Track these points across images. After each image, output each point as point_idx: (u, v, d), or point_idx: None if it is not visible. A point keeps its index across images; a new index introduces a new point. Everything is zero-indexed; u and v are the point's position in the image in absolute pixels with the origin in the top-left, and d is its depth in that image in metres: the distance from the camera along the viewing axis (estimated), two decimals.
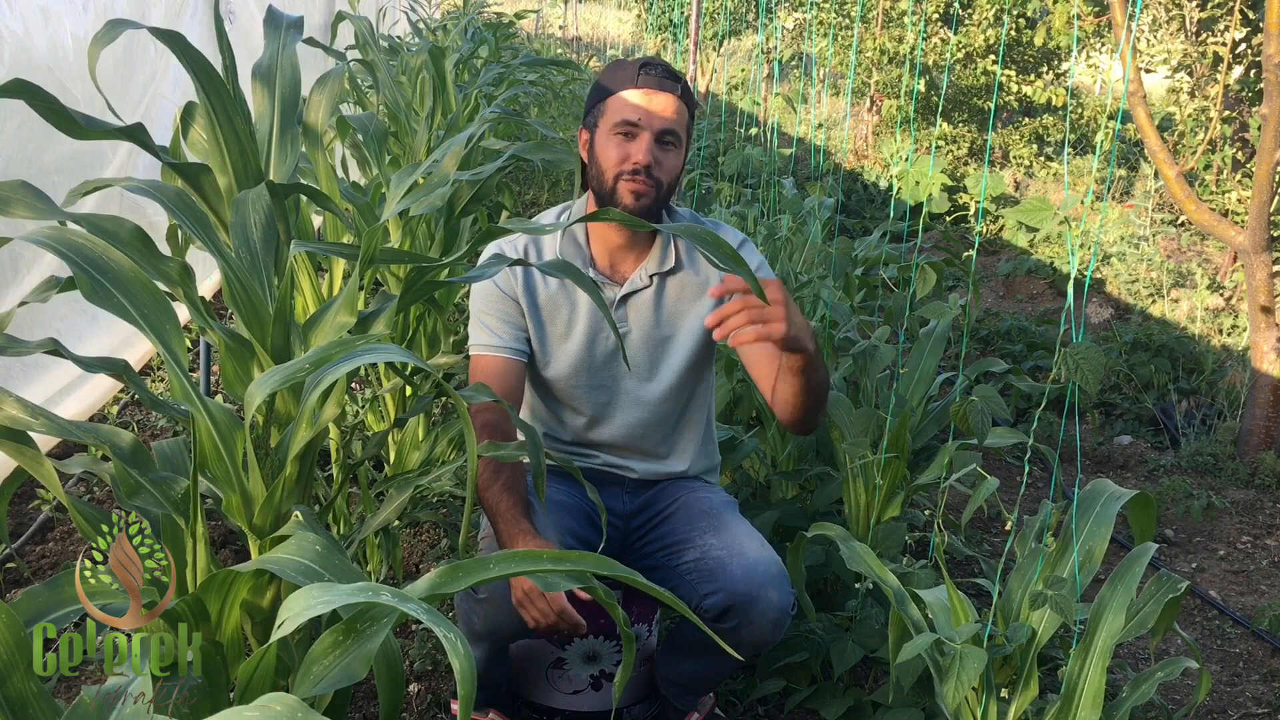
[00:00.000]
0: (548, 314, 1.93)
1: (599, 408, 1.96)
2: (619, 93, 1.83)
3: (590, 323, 1.91)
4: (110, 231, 1.36)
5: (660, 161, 1.82)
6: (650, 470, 2.01)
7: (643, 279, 1.92)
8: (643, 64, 1.84)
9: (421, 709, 2.09)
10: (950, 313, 2.68)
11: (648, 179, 1.81)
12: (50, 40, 2.69)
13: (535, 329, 1.93)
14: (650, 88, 1.82)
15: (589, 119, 1.89)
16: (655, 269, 1.92)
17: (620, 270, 1.94)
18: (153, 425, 3.21)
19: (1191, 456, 3.69)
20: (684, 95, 1.86)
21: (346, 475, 1.78)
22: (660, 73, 1.83)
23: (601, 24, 20.55)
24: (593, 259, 1.93)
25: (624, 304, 1.92)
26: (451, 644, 0.91)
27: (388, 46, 4.97)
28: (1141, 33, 6.51)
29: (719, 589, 1.75)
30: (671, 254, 1.92)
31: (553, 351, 1.93)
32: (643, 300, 1.92)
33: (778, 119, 4.92)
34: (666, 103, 1.82)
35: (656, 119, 1.81)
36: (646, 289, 1.92)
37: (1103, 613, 1.60)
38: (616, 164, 1.82)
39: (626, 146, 1.82)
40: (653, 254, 1.92)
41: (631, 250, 1.93)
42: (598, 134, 1.86)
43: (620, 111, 1.82)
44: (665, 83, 1.83)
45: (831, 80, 9.75)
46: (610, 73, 1.89)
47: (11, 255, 2.58)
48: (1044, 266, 6.04)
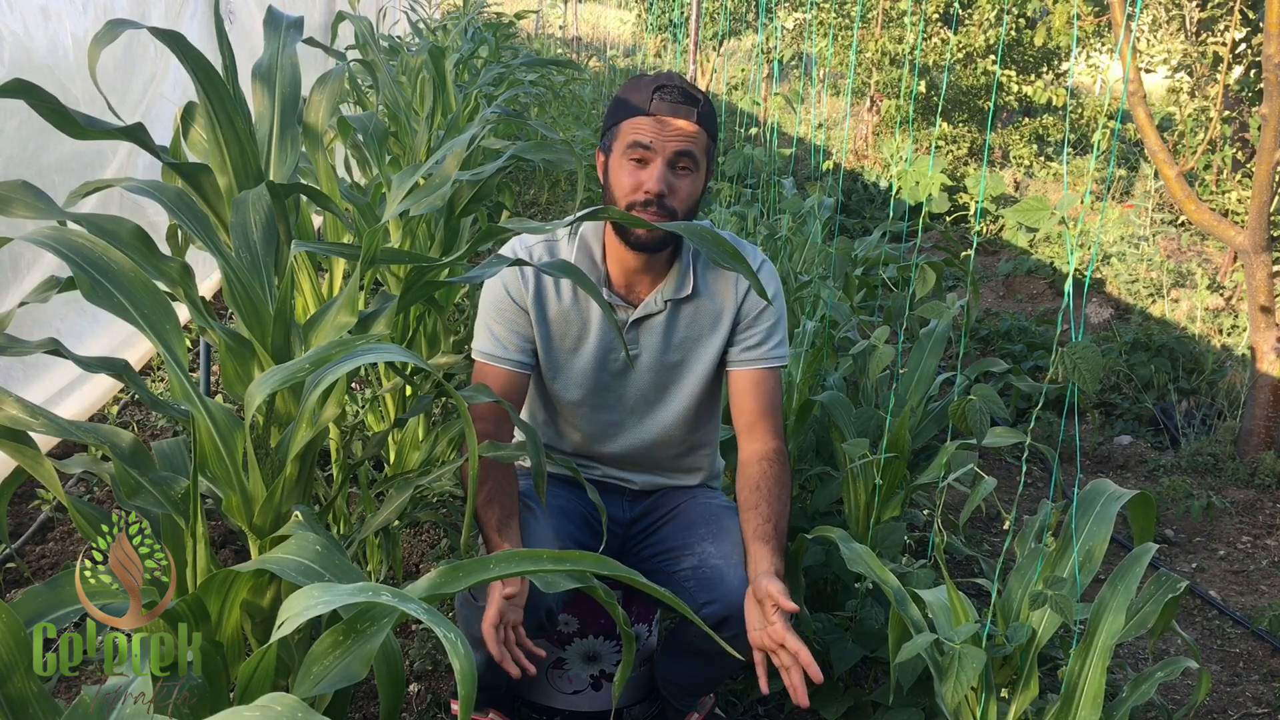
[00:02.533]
0: (558, 328, 1.88)
1: (604, 427, 1.94)
2: (633, 116, 1.76)
3: (601, 341, 1.88)
4: (110, 231, 1.36)
5: (675, 189, 1.75)
6: (651, 483, 2.01)
7: (657, 304, 1.86)
8: (658, 85, 1.76)
9: (421, 709, 2.09)
10: (950, 313, 2.68)
11: (660, 209, 1.74)
12: (50, 40, 2.69)
13: (543, 342, 1.88)
14: (664, 114, 1.74)
15: (604, 141, 1.83)
16: (671, 295, 1.86)
17: (635, 293, 1.88)
18: (153, 425, 3.21)
19: (1191, 456, 3.69)
20: (702, 118, 1.77)
21: (346, 475, 1.78)
22: (676, 96, 1.75)
23: (601, 24, 20.56)
24: (609, 279, 1.88)
25: (636, 328, 1.87)
26: (451, 644, 0.91)
27: (388, 46, 4.97)
28: (1141, 33, 6.51)
29: (716, 599, 1.73)
30: (689, 281, 1.87)
31: (560, 366, 1.90)
32: (655, 325, 1.88)
33: (778, 119, 4.92)
34: (681, 127, 1.74)
35: (670, 143, 1.74)
36: (660, 314, 1.87)
37: (1103, 613, 1.60)
38: (629, 193, 1.75)
39: (639, 174, 1.75)
40: (669, 279, 1.87)
41: (648, 274, 1.87)
42: (611, 158, 1.80)
43: (632, 135, 1.75)
44: (680, 107, 1.74)
45: (831, 80, 9.75)
46: (625, 93, 1.81)
47: (12, 255, 2.58)
48: (1044, 266, 6.04)
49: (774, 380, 1.90)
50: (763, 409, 1.88)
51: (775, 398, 1.90)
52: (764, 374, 1.89)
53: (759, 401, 1.88)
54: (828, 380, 2.69)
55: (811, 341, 2.79)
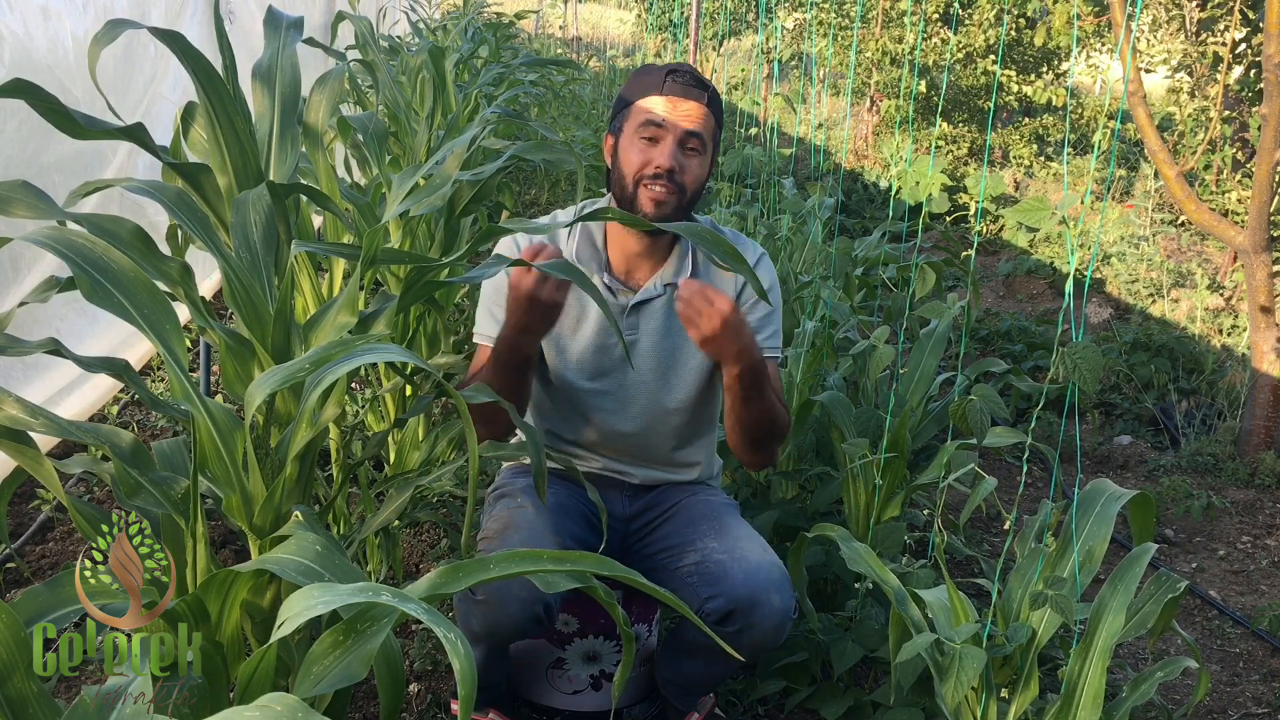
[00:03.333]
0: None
1: (605, 414, 1.94)
2: (644, 98, 1.81)
3: (599, 325, 1.89)
4: (110, 231, 1.36)
5: (684, 167, 1.80)
6: (650, 477, 2.00)
7: (657, 288, 1.89)
8: (670, 70, 1.82)
9: (421, 709, 2.09)
10: (950, 313, 2.68)
11: (669, 183, 1.79)
12: (50, 40, 2.69)
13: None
14: (675, 95, 1.80)
15: (614, 124, 1.88)
16: (671, 279, 1.89)
17: (635, 277, 1.91)
18: (153, 425, 3.21)
19: (1191, 456, 3.69)
20: (711, 103, 1.83)
21: (346, 475, 1.78)
22: (687, 79, 1.81)
23: (602, 24, 20.57)
24: (609, 264, 1.91)
25: (636, 312, 1.90)
26: (451, 644, 0.91)
27: (388, 46, 4.97)
28: (1141, 33, 6.51)
29: (720, 593, 1.74)
30: (689, 265, 1.90)
31: (560, 350, 1.91)
32: (655, 309, 1.90)
33: (778, 119, 4.93)
34: (692, 109, 1.80)
35: (681, 124, 1.79)
36: (659, 298, 1.89)
37: (1103, 613, 1.60)
38: (638, 168, 1.80)
39: (649, 151, 1.79)
40: (670, 263, 1.90)
41: (649, 258, 1.90)
42: (622, 138, 1.84)
43: (644, 115, 1.80)
44: (691, 90, 1.80)
45: (831, 80, 9.75)
46: (637, 78, 1.86)
47: (12, 255, 2.58)
48: (1044, 266, 6.05)
49: (774, 372, 1.91)
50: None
51: (778, 389, 1.91)
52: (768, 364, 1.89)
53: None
54: (828, 380, 2.69)
55: (811, 341, 2.80)
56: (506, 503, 1.86)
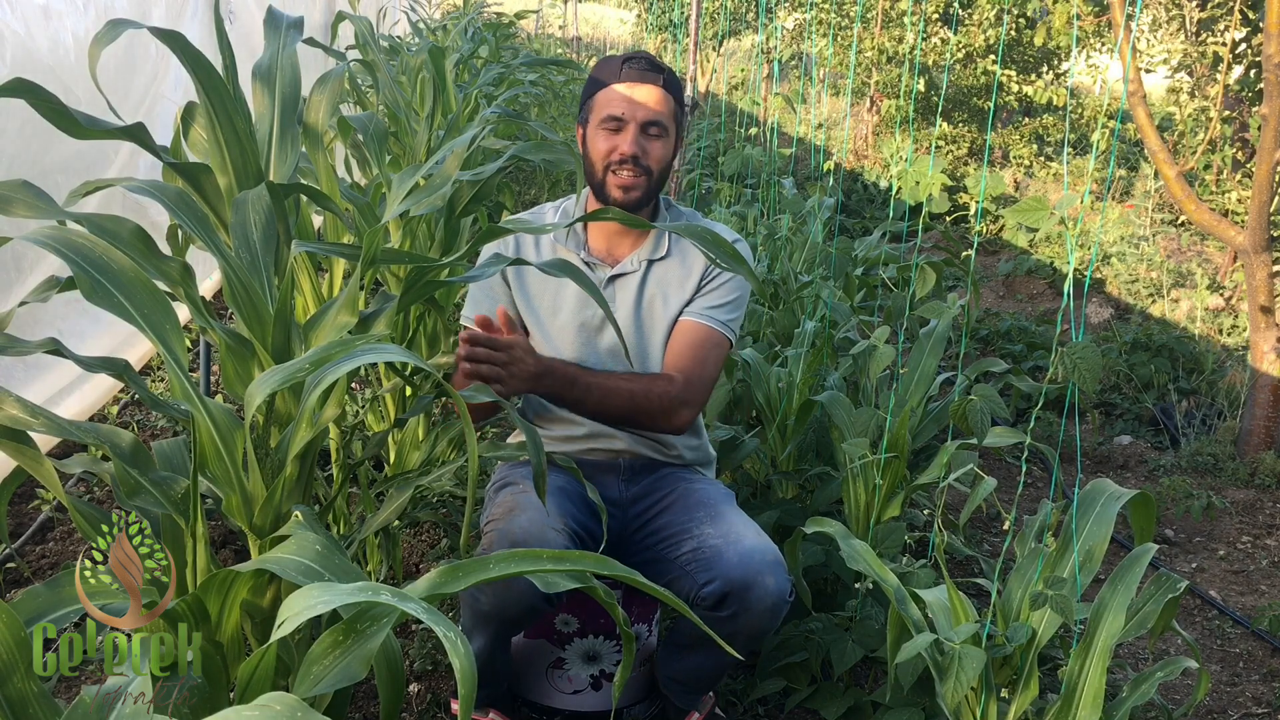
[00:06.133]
0: (535, 286, 2.00)
1: None
2: (606, 87, 1.93)
3: (577, 301, 1.98)
4: (111, 231, 1.36)
5: (647, 151, 1.92)
6: (636, 451, 2.02)
7: (634, 264, 2.00)
8: (626, 58, 1.94)
9: (421, 709, 2.09)
10: (950, 313, 2.68)
11: (635, 168, 1.91)
12: (51, 40, 2.69)
13: (524, 301, 2.00)
14: (633, 80, 1.92)
15: (581, 115, 2.00)
16: (648, 255, 2.00)
17: (615, 254, 2.02)
18: (153, 425, 3.21)
19: (1191, 456, 3.69)
20: (668, 85, 1.94)
21: (346, 475, 1.78)
22: (643, 65, 1.93)
23: (602, 24, 20.57)
24: (587, 243, 2.02)
25: (612, 284, 2.00)
26: (452, 643, 0.91)
27: (388, 46, 4.97)
28: (1141, 33, 6.51)
29: (715, 576, 1.76)
30: (665, 243, 2.01)
31: (543, 327, 2.00)
32: (630, 282, 2.00)
33: (778, 119, 4.92)
34: (649, 94, 1.91)
35: (640, 110, 1.91)
36: (635, 272, 2.00)
37: (1103, 613, 1.60)
38: (605, 156, 1.92)
39: (614, 139, 1.92)
40: (647, 241, 2.01)
41: (628, 236, 2.01)
42: (589, 129, 1.96)
43: (606, 106, 1.92)
44: (648, 75, 1.92)
45: (831, 80, 9.75)
46: (598, 69, 1.99)
47: (14, 255, 2.58)
48: (1044, 266, 6.04)
49: (710, 339, 1.96)
50: (687, 356, 1.94)
51: (703, 355, 1.95)
52: (704, 329, 1.96)
53: (688, 348, 1.95)
54: (828, 380, 2.69)
55: (811, 341, 2.79)
56: (510, 489, 1.91)
